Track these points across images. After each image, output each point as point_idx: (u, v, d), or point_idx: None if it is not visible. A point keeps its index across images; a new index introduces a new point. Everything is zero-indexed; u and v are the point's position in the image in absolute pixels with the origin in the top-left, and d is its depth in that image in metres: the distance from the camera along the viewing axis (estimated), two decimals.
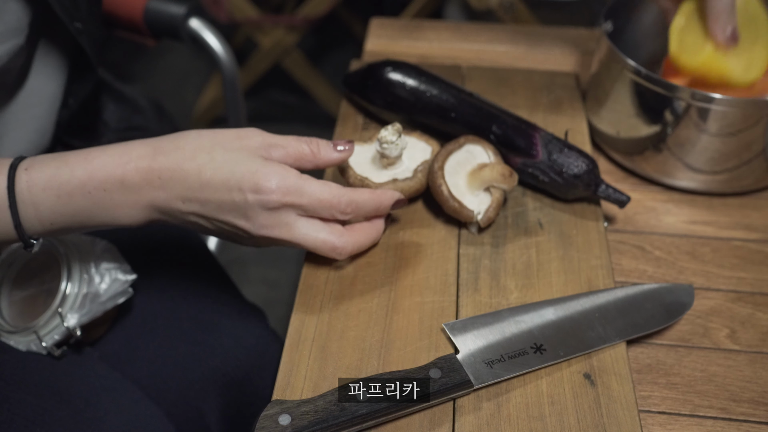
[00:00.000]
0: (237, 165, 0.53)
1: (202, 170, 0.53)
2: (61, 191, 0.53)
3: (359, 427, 0.48)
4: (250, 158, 0.53)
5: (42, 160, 0.54)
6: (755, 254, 0.68)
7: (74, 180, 0.53)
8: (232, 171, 0.53)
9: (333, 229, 0.56)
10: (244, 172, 0.53)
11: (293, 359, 0.53)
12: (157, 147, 0.54)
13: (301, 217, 0.54)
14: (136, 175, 0.53)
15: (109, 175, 0.53)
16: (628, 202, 0.66)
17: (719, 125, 0.67)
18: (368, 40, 0.93)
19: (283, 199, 0.53)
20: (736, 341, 0.60)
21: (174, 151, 0.54)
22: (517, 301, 0.58)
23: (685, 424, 0.55)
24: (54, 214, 0.54)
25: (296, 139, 0.56)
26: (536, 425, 0.50)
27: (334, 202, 0.54)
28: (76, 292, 0.63)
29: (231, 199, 0.53)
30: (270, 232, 0.54)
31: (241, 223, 0.54)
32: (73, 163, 0.54)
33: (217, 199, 0.53)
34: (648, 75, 0.68)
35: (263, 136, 0.55)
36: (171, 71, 2.30)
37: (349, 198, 0.55)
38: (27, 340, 0.63)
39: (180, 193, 0.53)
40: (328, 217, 0.55)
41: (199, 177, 0.53)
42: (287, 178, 0.53)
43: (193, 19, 0.98)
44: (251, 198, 0.52)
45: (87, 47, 0.68)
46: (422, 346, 0.54)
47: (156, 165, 0.53)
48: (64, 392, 0.61)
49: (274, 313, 1.04)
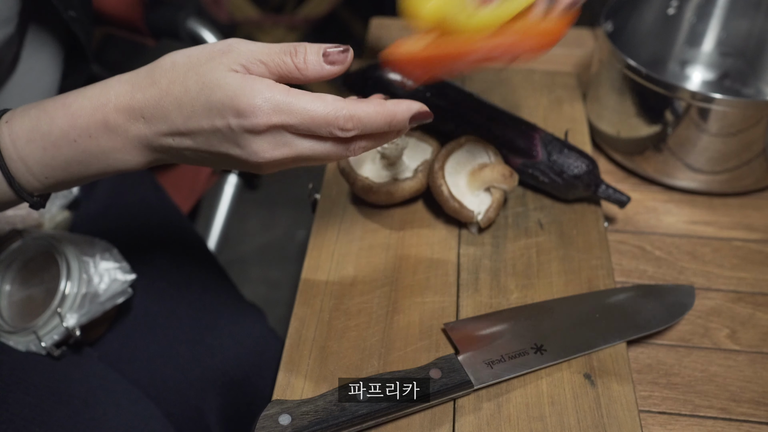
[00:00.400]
0: (213, 90, 0.47)
1: (181, 104, 0.48)
2: (46, 142, 0.50)
3: (359, 427, 0.48)
4: (227, 79, 0.47)
5: (22, 111, 0.51)
6: (756, 254, 0.68)
7: (56, 129, 0.50)
8: (208, 98, 0.47)
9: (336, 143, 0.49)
10: (221, 97, 0.47)
11: (293, 359, 0.53)
12: (134, 83, 0.50)
13: (298, 136, 0.48)
14: (117, 116, 0.49)
15: (90, 119, 0.49)
16: (628, 203, 0.66)
17: (720, 125, 0.67)
18: (368, 40, 0.93)
19: (270, 120, 0.47)
20: (737, 341, 0.60)
21: (150, 87, 0.49)
22: (517, 301, 0.58)
23: (685, 424, 0.54)
24: (45, 167, 0.51)
25: (279, 51, 0.49)
26: (536, 425, 0.49)
27: (331, 117, 0.47)
28: (75, 292, 0.63)
29: (216, 127, 0.48)
30: (270, 155, 0.48)
31: (236, 152, 0.48)
32: (52, 111, 0.50)
33: (203, 131, 0.48)
34: (648, 75, 0.68)
35: (239, 49, 0.49)
36: None
37: (349, 112, 0.48)
38: (26, 341, 0.63)
39: (166, 129, 0.49)
40: (326, 135, 0.48)
41: (180, 111, 0.48)
42: (271, 96, 0.47)
43: (193, 18, 0.98)
44: (235, 123, 0.47)
45: (81, 36, 0.67)
46: (422, 347, 0.54)
47: (135, 103, 0.49)
48: (64, 392, 0.60)
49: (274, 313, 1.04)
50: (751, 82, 0.82)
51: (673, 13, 0.82)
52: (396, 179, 0.64)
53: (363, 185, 0.63)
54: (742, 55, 0.82)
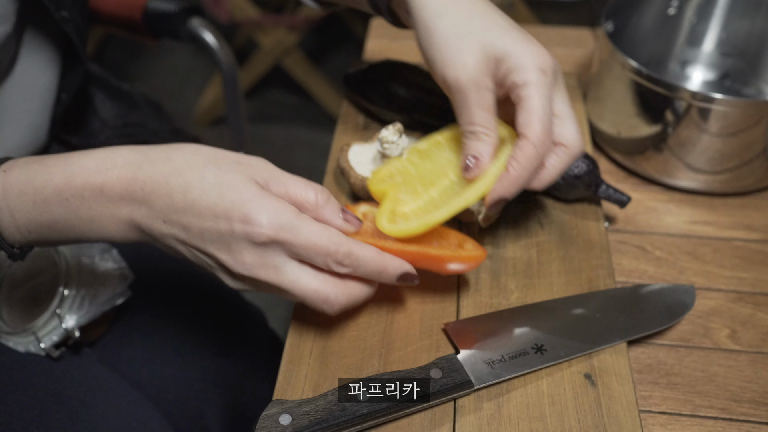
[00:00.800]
0: (229, 190, 0.47)
1: (189, 189, 0.47)
2: (38, 197, 0.49)
3: (360, 427, 0.48)
4: (245, 185, 0.47)
5: (24, 162, 0.50)
6: (756, 254, 0.68)
7: (50, 185, 0.48)
8: (221, 195, 0.46)
9: (326, 278, 0.49)
10: (234, 199, 0.46)
11: (294, 359, 0.53)
12: (146, 155, 0.49)
13: (291, 260, 0.48)
14: (117, 184, 0.48)
15: (87, 181, 0.48)
16: (628, 203, 0.66)
17: (720, 125, 0.67)
18: (369, 40, 0.93)
19: (275, 235, 0.46)
20: (737, 341, 0.60)
21: (162, 162, 0.48)
22: (517, 301, 0.58)
23: (685, 424, 0.54)
24: (30, 222, 0.49)
25: (304, 182, 0.50)
26: (537, 425, 0.49)
27: (332, 249, 0.47)
28: (74, 294, 0.63)
29: (216, 227, 0.46)
30: (254, 272, 0.47)
31: (223, 257, 0.47)
32: (52, 167, 0.49)
33: (199, 225, 0.47)
34: (649, 75, 0.68)
35: (267, 167, 0.50)
36: (171, 71, 2.30)
37: (349, 249, 0.48)
38: (25, 341, 0.63)
39: (161, 210, 0.47)
40: (322, 265, 0.48)
41: (184, 196, 0.47)
42: (283, 212, 0.47)
43: (194, 18, 0.98)
44: (238, 228, 0.46)
45: (73, 36, 0.67)
46: (423, 346, 0.54)
47: (141, 175, 0.48)
48: (63, 393, 0.60)
49: (274, 313, 1.04)
50: (751, 82, 0.82)
51: (674, 13, 0.82)
52: None
53: (363, 185, 0.63)
54: (742, 55, 0.82)
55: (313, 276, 0.48)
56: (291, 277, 0.48)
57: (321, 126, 2.05)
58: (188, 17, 0.97)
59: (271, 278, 0.47)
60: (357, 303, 0.51)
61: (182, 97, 2.18)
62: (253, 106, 2.13)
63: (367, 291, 0.51)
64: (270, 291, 0.49)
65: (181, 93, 2.21)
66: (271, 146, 1.98)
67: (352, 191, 0.66)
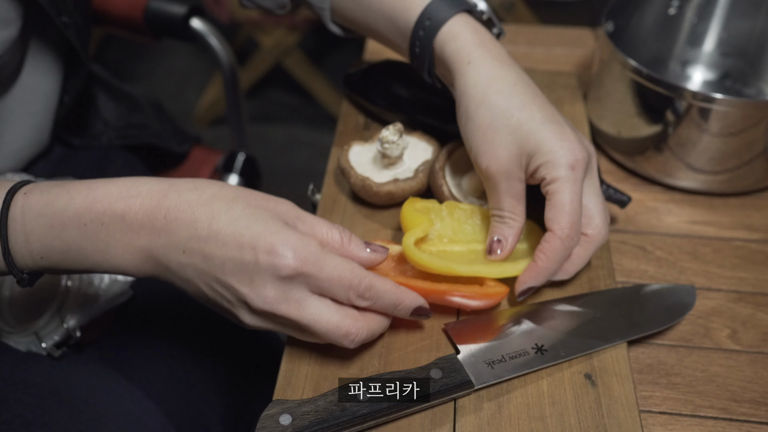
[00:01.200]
0: (256, 221, 0.47)
1: (215, 218, 0.47)
2: (55, 220, 0.48)
3: (360, 427, 0.48)
4: (273, 219, 0.47)
5: (45, 185, 0.50)
6: (756, 254, 0.68)
7: (70, 209, 0.48)
8: (248, 226, 0.46)
9: (347, 313, 0.49)
10: (262, 230, 0.46)
11: (294, 359, 0.53)
12: (173, 184, 0.48)
13: (313, 294, 0.48)
14: (140, 212, 0.47)
15: (109, 206, 0.48)
16: (629, 203, 0.66)
17: (720, 125, 0.67)
18: (369, 40, 0.93)
19: (300, 268, 0.46)
20: (737, 341, 0.60)
21: (189, 192, 0.48)
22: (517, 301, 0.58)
23: (686, 424, 0.54)
24: (44, 247, 0.49)
25: (328, 224, 0.50)
26: (537, 425, 0.49)
27: (355, 282, 0.48)
28: (75, 293, 0.63)
29: (240, 257, 0.46)
30: (275, 307, 0.47)
31: (244, 289, 0.46)
32: (75, 191, 0.49)
33: (222, 255, 0.46)
34: (649, 75, 0.68)
35: (293, 208, 0.50)
36: (172, 71, 2.30)
37: (370, 282, 0.49)
38: (27, 341, 0.63)
39: (182, 240, 0.47)
40: (343, 298, 0.48)
41: (210, 225, 0.46)
42: (308, 245, 0.47)
43: (194, 18, 0.98)
44: (263, 260, 0.45)
45: (74, 41, 0.68)
46: (423, 347, 0.54)
47: (166, 202, 0.47)
48: (64, 393, 0.60)
49: None
50: (752, 82, 0.82)
51: (674, 13, 0.82)
52: (397, 179, 0.64)
53: (364, 185, 0.63)
54: (743, 55, 0.82)
55: (334, 310, 0.48)
56: (313, 311, 0.47)
57: (321, 126, 2.05)
58: (189, 17, 0.97)
59: (292, 313, 0.47)
60: (374, 336, 0.51)
61: (182, 97, 2.18)
62: (253, 106, 2.13)
63: (385, 324, 0.52)
64: (286, 329, 0.49)
65: (182, 93, 2.21)
66: (271, 146, 1.98)
67: (352, 191, 0.66)
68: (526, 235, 0.60)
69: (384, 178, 0.64)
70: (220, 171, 1.02)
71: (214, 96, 2.06)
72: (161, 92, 2.18)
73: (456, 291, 0.54)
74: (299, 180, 0.99)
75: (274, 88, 2.19)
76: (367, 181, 0.63)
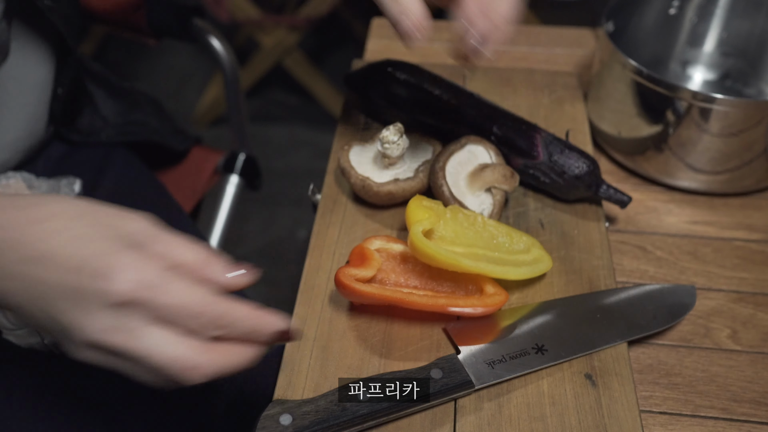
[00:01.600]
0: (91, 242, 0.40)
1: (47, 238, 0.40)
2: None
3: (360, 427, 0.48)
4: (112, 239, 0.41)
5: None
6: (757, 254, 0.68)
7: None
8: (80, 247, 0.40)
9: (192, 345, 0.41)
10: (94, 251, 0.40)
11: (294, 359, 0.53)
12: (14, 200, 0.42)
13: (154, 324, 0.40)
14: None
15: None
16: (629, 203, 0.66)
17: (721, 125, 0.67)
18: (369, 40, 0.93)
19: (136, 294, 0.39)
20: (738, 341, 0.60)
21: (28, 208, 0.42)
22: (518, 301, 0.58)
23: (686, 424, 0.54)
24: None
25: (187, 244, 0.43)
26: (537, 425, 0.49)
27: (206, 309, 0.41)
28: None
29: (65, 282, 0.40)
30: (104, 338, 0.40)
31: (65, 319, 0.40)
32: None
33: (48, 280, 0.40)
34: (650, 75, 0.68)
35: (149, 225, 0.43)
36: (172, 71, 2.30)
37: (224, 309, 0.42)
38: (28, 337, 0.63)
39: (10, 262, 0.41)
40: (194, 328, 0.41)
41: (38, 245, 0.40)
42: (147, 269, 0.40)
43: (195, 18, 0.98)
44: (89, 285, 0.39)
45: (59, 25, 0.67)
46: (423, 346, 0.54)
47: None
48: (65, 389, 0.61)
49: None
50: (752, 82, 0.82)
51: (675, 13, 0.82)
52: (397, 179, 0.64)
53: (364, 185, 0.63)
54: (743, 55, 0.82)
55: (177, 342, 0.41)
56: (148, 341, 0.40)
57: (321, 126, 2.05)
58: (189, 17, 0.97)
59: (124, 344, 0.40)
60: (233, 369, 0.43)
61: (183, 97, 2.18)
62: (253, 105, 2.13)
63: (248, 354, 0.44)
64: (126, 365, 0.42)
65: (182, 93, 2.21)
66: (271, 146, 1.98)
67: (353, 191, 0.66)
68: (527, 248, 0.60)
69: (384, 178, 0.64)
70: (221, 171, 1.02)
71: (215, 96, 2.06)
72: (161, 92, 2.18)
73: (455, 304, 0.54)
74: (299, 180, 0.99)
75: (274, 88, 2.19)
76: (367, 181, 0.63)
